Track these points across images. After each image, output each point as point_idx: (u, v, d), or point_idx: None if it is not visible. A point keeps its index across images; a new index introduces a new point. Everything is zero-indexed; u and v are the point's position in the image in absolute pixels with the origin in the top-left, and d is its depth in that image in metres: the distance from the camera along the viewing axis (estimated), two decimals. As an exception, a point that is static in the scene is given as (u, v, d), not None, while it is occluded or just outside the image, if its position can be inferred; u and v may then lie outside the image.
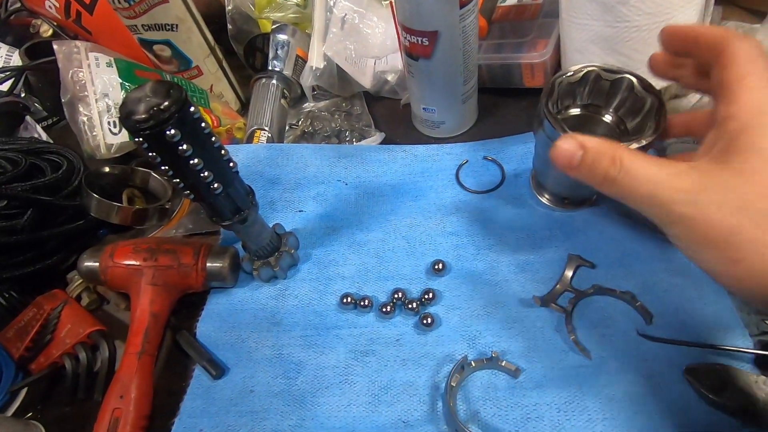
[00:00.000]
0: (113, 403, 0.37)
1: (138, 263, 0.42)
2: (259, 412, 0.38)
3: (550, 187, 0.43)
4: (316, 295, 0.44)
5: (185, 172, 0.31)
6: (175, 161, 0.31)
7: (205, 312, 0.45)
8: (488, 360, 0.37)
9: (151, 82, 0.29)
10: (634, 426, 0.32)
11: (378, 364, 0.39)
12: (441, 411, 0.36)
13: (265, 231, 0.42)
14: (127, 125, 0.28)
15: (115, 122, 0.45)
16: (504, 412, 0.35)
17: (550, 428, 0.33)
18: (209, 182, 0.33)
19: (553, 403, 0.34)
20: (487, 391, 0.36)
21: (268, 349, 0.41)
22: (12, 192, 0.41)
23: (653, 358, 0.35)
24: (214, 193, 0.34)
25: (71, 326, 0.43)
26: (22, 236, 0.42)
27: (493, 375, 0.37)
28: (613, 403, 0.33)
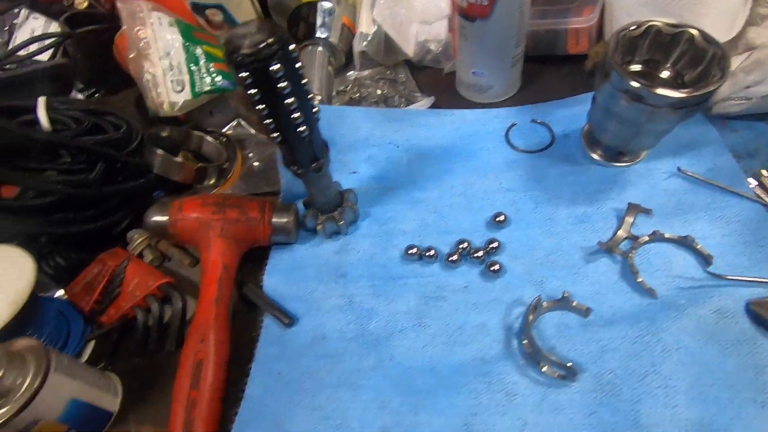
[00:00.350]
0: (195, 347, 0.38)
1: (207, 216, 0.43)
2: (335, 356, 0.39)
3: (607, 142, 0.45)
4: (379, 249, 0.45)
5: (280, 110, 0.32)
6: (273, 98, 0.31)
7: (269, 267, 0.45)
8: (559, 301, 0.38)
9: (255, 20, 0.30)
10: (707, 352, 0.34)
11: (450, 308, 0.40)
12: (516, 349, 0.37)
13: (332, 184, 0.43)
14: (233, 60, 0.29)
15: (177, 81, 0.45)
16: (579, 347, 0.36)
17: (626, 358, 0.35)
18: (299, 123, 0.34)
19: (626, 336, 0.36)
20: (559, 330, 0.38)
21: (337, 298, 0.42)
22: (83, 145, 0.41)
23: (718, 295, 0.37)
24: (301, 136, 0.35)
25: (139, 280, 0.44)
26: (91, 190, 0.42)
27: (563, 316, 0.39)
28: (684, 334, 0.35)
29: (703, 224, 0.41)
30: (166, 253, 0.48)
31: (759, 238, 0.40)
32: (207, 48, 0.48)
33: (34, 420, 0.33)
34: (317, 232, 0.46)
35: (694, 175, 0.44)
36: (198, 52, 0.47)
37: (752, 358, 0.34)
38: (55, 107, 0.45)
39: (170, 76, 0.45)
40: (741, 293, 0.37)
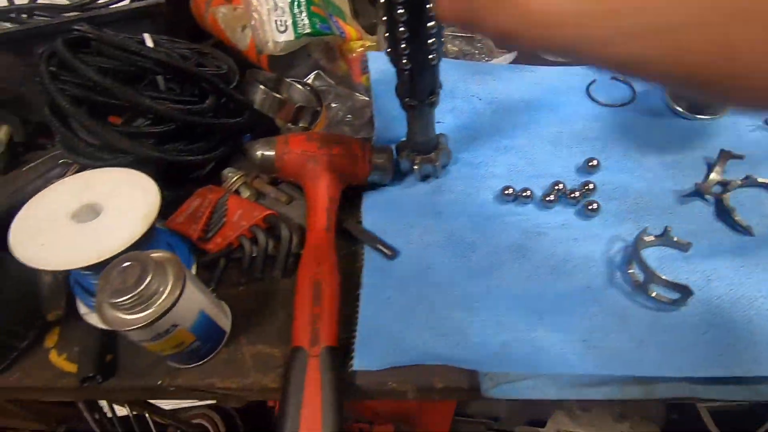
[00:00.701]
0: (312, 270, 0.39)
1: (313, 150, 0.44)
2: (442, 284, 0.40)
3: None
4: (472, 191, 0.47)
5: (422, 34, 0.34)
6: (418, 21, 0.33)
7: (366, 204, 0.47)
8: (660, 236, 0.40)
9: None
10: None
11: (551, 242, 0.42)
12: (621, 279, 0.39)
13: (434, 124, 0.45)
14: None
15: (281, 21, 0.46)
16: (684, 276, 0.38)
17: (733, 285, 0.37)
18: (433, 49, 0.35)
19: (730, 266, 0.38)
20: (662, 262, 0.39)
21: (437, 233, 0.44)
22: (201, 73, 0.42)
23: (815, 232, 0.39)
24: (431, 64, 0.36)
25: (243, 212, 0.45)
26: (205, 119, 0.43)
27: (662, 251, 0.40)
28: (788, 263, 0.37)
29: (794, 171, 0.43)
30: (261, 191, 0.49)
31: None
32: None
33: (173, 324, 0.34)
34: (412, 173, 0.47)
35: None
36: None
37: None
38: (159, 44, 0.46)
39: (275, 16, 0.46)
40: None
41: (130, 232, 0.35)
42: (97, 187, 0.38)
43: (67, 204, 0.37)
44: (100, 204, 0.37)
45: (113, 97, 0.40)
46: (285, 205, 0.48)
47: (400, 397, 0.38)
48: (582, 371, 0.33)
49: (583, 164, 0.47)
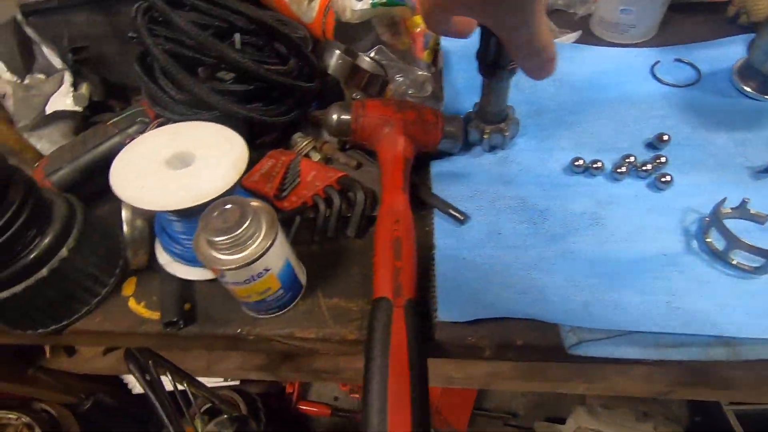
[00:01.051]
0: (391, 227, 0.40)
1: (390, 114, 0.45)
2: (517, 247, 0.41)
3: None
4: (540, 162, 0.47)
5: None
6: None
7: (435, 172, 0.48)
8: (737, 208, 0.40)
9: None
10: None
11: (624, 211, 0.42)
12: (697, 248, 0.39)
13: (507, 93, 0.45)
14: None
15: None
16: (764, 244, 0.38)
17: (816, 255, 0.37)
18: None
19: (812, 238, 0.38)
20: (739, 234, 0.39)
21: (507, 200, 0.44)
22: (287, 34, 0.44)
23: None
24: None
25: (317, 173, 0.46)
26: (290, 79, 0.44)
27: (738, 224, 0.40)
28: None
29: None
30: (331, 156, 0.50)
31: None
32: (382, -37, 0.50)
33: (265, 269, 0.35)
34: (480, 144, 0.48)
35: None
36: (376, -36, 0.49)
37: None
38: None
39: (354, -16, 0.47)
40: None
41: (224, 179, 0.36)
42: (187, 138, 0.40)
43: (160, 152, 0.38)
44: (192, 153, 0.39)
45: (203, 52, 0.41)
46: (353, 170, 0.49)
47: (477, 355, 0.38)
48: (668, 330, 0.34)
49: (653, 139, 0.47)
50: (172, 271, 0.42)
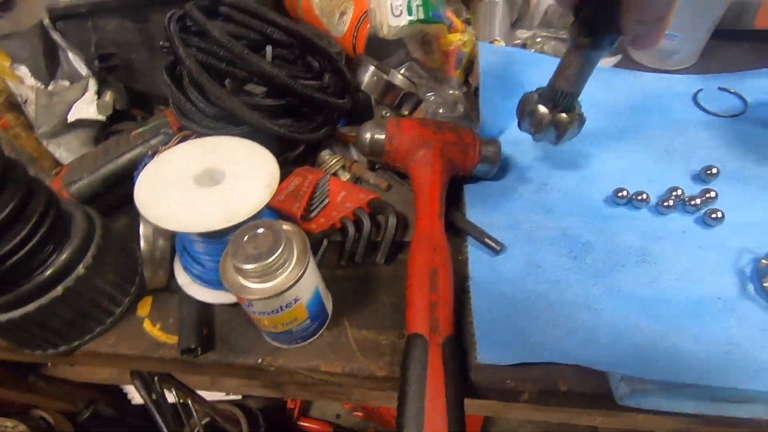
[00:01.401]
0: (428, 256, 0.37)
1: (427, 135, 0.43)
2: (559, 282, 0.38)
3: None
4: (582, 190, 0.45)
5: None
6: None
7: (470, 198, 0.45)
8: (795, 249, 0.38)
9: None
10: None
11: (674, 248, 0.40)
12: (754, 292, 0.37)
13: (588, 77, 0.38)
14: None
15: (397, 6, 0.46)
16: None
17: None
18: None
19: None
20: (799, 277, 0.37)
21: (549, 230, 0.42)
22: (326, 50, 0.42)
23: None
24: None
25: (347, 194, 0.44)
26: (325, 95, 0.42)
27: (796, 266, 0.38)
28: None
29: None
30: (360, 177, 0.48)
31: None
32: (422, -21, 0.49)
33: (295, 299, 0.33)
34: (534, 132, 0.41)
35: None
36: (415, -19, 0.47)
37: None
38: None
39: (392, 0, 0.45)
40: None
41: (255, 200, 0.34)
42: (217, 154, 0.38)
43: (189, 167, 0.36)
44: (222, 170, 0.37)
45: (236, 65, 0.39)
46: (384, 191, 0.47)
47: (515, 399, 0.35)
48: (730, 384, 0.31)
49: (700, 171, 0.45)
50: (192, 293, 0.40)
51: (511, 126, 0.51)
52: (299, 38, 0.40)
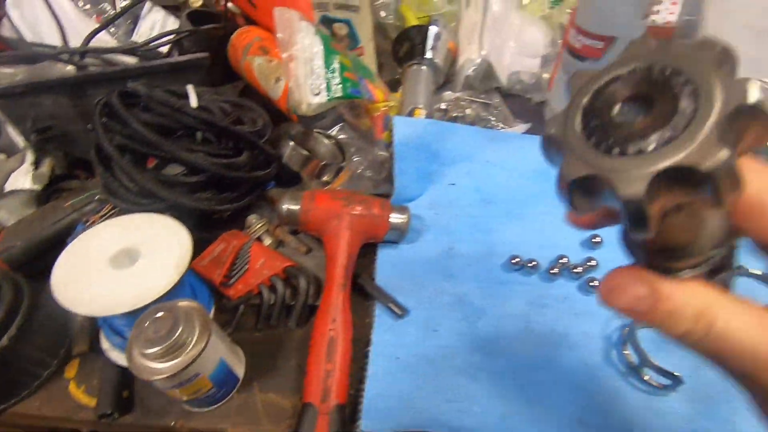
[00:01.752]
0: (327, 326, 0.41)
1: (338, 208, 0.47)
2: (448, 347, 0.43)
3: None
4: (483, 256, 0.49)
5: None
6: None
7: (380, 262, 0.49)
8: (656, 319, 0.42)
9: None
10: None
11: (554, 314, 0.44)
12: (616, 358, 0.41)
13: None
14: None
15: (316, 85, 0.50)
16: (676, 361, 0.40)
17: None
18: None
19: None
20: (655, 344, 0.41)
21: (447, 296, 0.46)
22: (241, 132, 0.46)
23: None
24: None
25: (266, 260, 0.48)
26: (239, 173, 0.46)
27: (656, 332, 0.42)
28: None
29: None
30: (283, 240, 0.52)
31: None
32: (341, 59, 0.53)
33: (196, 373, 0.36)
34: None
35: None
36: (334, 62, 0.52)
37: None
38: (201, 96, 0.49)
39: (310, 80, 0.50)
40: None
41: (164, 282, 0.38)
42: (135, 232, 0.41)
43: (106, 248, 0.40)
44: (137, 249, 0.40)
45: (157, 149, 0.43)
46: (303, 255, 0.51)
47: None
48: (575, 449, 0.35)
49: (587, 239, 0.49)
50: (113, 358, 0.43)
51: (427, 190, 0.55)
52: (209, 125, 0.44)
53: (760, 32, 0.48)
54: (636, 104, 0.15)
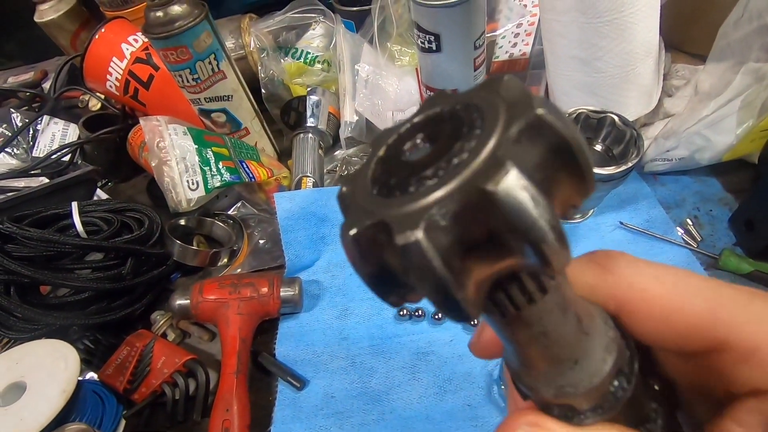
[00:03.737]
0: (221, 416, 0.43)
1: (224, 297, 0.49)
2: (343, 413, 0.45)
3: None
4: (374, 311, 0.52)
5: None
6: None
7: (280, 335, 0.52)
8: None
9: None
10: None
11: (439, 361, 0.47)
12: (497, 393, 0.44)
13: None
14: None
15: (192, 181, 0.53)
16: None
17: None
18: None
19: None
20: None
21: (341, 360, 0.49)
22: (116, 245, 0.48)
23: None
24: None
25: (166, 358, 0.50)
26: (124, 283, 0.49)
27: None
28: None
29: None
30: (186, 331, 0.54)
31: (690, 279, 0.47)
32: (216, 149, 0.56)
33: (88, 496, 0.38)
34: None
35: (633, 227, 0.52)
36: (209, 154, 0.55)
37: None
38: (85, 211, 0.52)
39: (186, 177, 0.53)
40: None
41: (49, 411, 0.40)
42: (22, 365, 0.43)
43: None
44: (24, 381, 0.42)
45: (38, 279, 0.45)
46: (208, 342, 0.53)
47: None
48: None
49: (469, 278, 0.52)
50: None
51: (324, 253, 0.58)
52: (84, 248, 0.47)
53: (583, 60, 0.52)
54: (425, 143, 0.13)
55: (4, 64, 1.14)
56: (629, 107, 0.55)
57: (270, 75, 0.72)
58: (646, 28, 0.50)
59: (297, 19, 0.75)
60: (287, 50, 0.76)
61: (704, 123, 0.49)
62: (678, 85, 0.60)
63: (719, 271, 0.48)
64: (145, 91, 0.68)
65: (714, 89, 0.51)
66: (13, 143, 0.70)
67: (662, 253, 0.50)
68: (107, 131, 0.69)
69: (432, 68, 0.52)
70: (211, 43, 0.55)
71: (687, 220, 0.52)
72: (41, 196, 0.53)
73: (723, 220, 0.52)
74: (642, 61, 0.52)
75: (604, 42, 0.50)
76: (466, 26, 0.48)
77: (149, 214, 0.55)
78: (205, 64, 0.56)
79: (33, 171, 0.66)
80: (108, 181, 0.76)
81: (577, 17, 0.49)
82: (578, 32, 0.50)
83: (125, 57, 0.66)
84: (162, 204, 0.57)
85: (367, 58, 0.68)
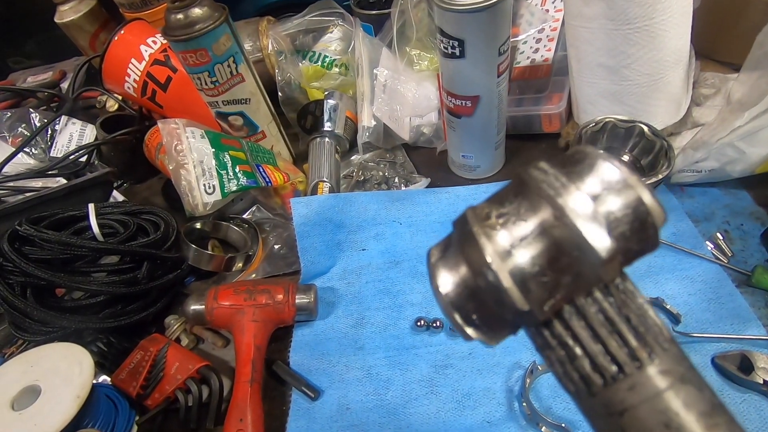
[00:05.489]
0: (235, 425, 0.42)
1: (240, 303, 0.49)
2: (359, 425, 0.44)
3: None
4: (391, 321, 0.51)
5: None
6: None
7: (294, 344, 0.51)
8: (552, 364, 0.44)
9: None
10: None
11: (457, 375, 0.45)
12: (518, 410, 0.42)
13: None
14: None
15: (209, 184, 0.53)
16: (573, 406, 0.41)
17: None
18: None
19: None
20: (554, 390, 0.43)
21: (357, 371, 0.48)
22: (132, 249, 0.48)
23: (686, 352, 0.42)
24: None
25: (179, 364, 0.49)
26: (141, 287, 0.48)
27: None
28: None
29: (672, 285, 0.47)
30: (200, 336, 0.53)
31: (720, 296, 0.46)
32: (233, 153, 0.56)
33: (100, 505, 0.37)
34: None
35: (660, 241, 0.50)
36: (225, 157, 0.54)
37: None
38: (102, 213, 0.52)
39: (203, 180, 0.52)
40: (707, 349, 0.42)
41: (62, 417, 0.39)
42: (37, 368, 0.43)
43: (7, 390, 0.41)
44: (39, 385, 0.41)
45: (54, 283, 0.45)
46: (222, 348, 0.52)
47: None
48: None
49: (488, 289, 0.51)
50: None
51: (340, 260, 0.57)
52: (99, 251, 0.46)
53: (610, 68, 0.51)
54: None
55: (23, 63, 1.15)
56: (657, 116, 0.53)
57: (287, 78, 0.72)
58: (677, 36, 0.48)
59: (315, 23, 0.74)
60: (305, 53, 0.75)
61: (738, 134, 0.47)
62: (707, 93, 0.59)
63: (751, 287, 0.46)
64: (162, 93, 0.68)
65: (747, 99, 0.49)
66: (32, 143, 0.71)
67: (691, 267, 0.48)
68: (124, 132, 0.69)
69: (454, 74, 0.51)
70: (230, 46, 0.55)
71: (717, 234, 0.50)
72: (59, 197, 0.53)
73: (755, 235, 0.50)
74: (672, 69, 0.50)
75: (633, 50, 0.48)
76: (491, 31, 0.46)
77: (165, 217, 0.55)
78: (224, 66, 0.55)
79: (50, 171, 0.66)
80: (123, 182, 0.76)
81: (606, 24, 0.48)
82: (606, 39, 0.49)
83: (144, 59, 0.66)
84: (177, 206, 0.57)
85: (386, 63, 0.67)
